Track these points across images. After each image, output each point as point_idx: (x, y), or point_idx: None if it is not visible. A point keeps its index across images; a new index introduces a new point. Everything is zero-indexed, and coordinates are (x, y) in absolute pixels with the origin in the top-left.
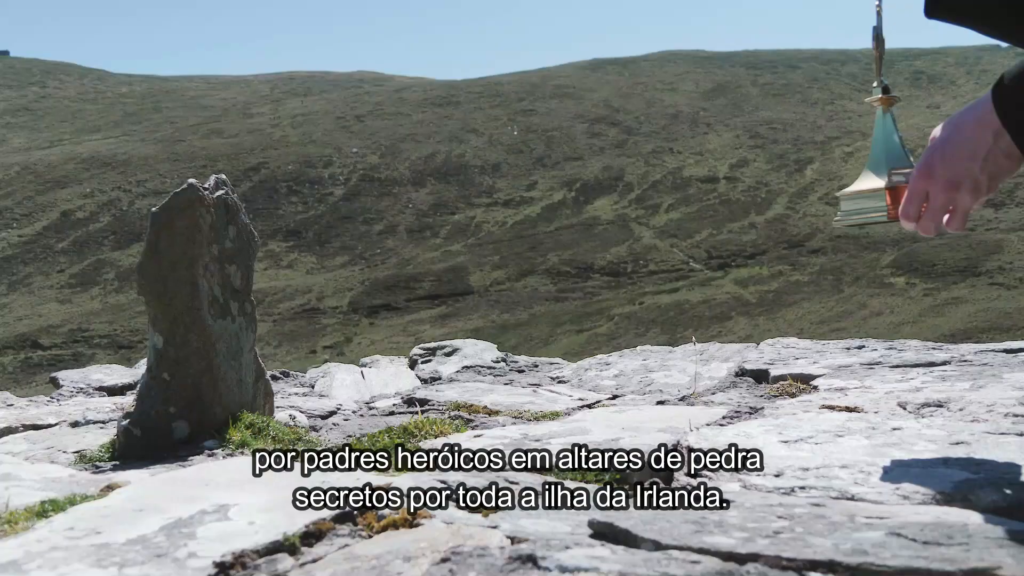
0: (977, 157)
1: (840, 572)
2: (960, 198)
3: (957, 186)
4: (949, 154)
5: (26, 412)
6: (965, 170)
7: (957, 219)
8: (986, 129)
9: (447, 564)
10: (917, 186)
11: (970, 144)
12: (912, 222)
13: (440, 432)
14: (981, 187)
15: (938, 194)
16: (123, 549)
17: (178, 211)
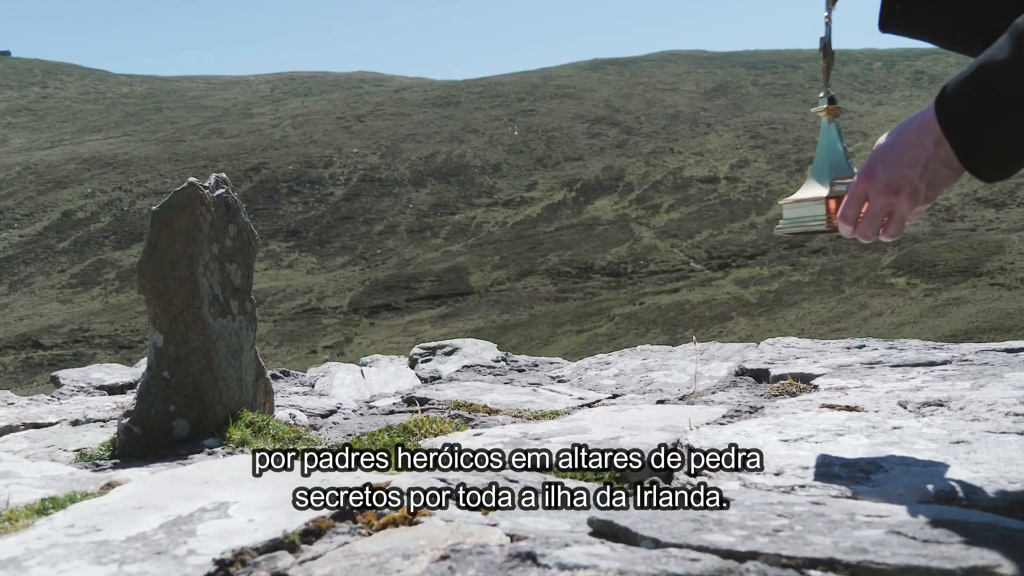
0: (917, 164)
1: (840, 570)
2: (898, 204)
3: (896, 191)
4: (890, 159)
5: (27, 411)
6: (905, 176)
7: (894, 225)
8: (928, 137)
9: (447, 561)
10: (857, 189)
11: (911, 151)
12: (850, 225)
13: (440, 431)
14: (919, 194)
15: (877, 198)
16: (123, 546)
17: (178, 210)
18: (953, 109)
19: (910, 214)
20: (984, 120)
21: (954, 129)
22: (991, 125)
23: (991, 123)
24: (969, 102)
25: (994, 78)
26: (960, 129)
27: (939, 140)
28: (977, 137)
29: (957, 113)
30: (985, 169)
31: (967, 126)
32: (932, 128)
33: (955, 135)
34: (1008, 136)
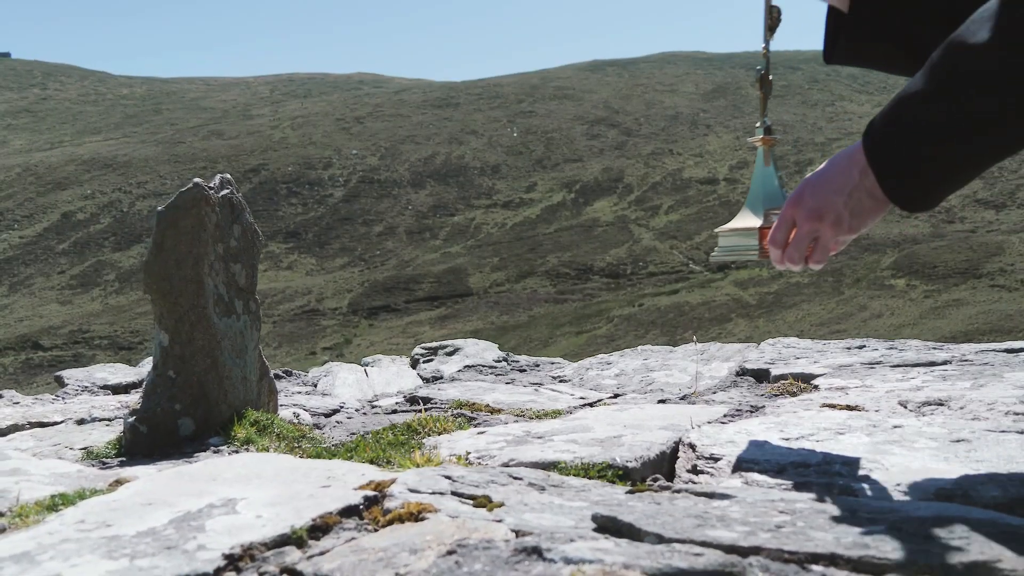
0: (842, 191)
1: (842, 565)
2: (823, 230)
3: (820, 216)
4: (818, 186)
5: (32, 410)
6: (830, 202)
7: (818, 252)
8: (855, 167)
9: (453, 556)
10: (786, 213)
11: (838, 178)
12: (779, 249)
13: (443, 429)
14: (843, 222)
15: (803, 223)
16: (133, 541)
17: (184, 210)
18: (877, 140)
19: (834, 242)
20: (904, 150)
21: (877, 159)
22: (911, 155)
23: (911, 153)
24: (890, 133)
25: (911, 110)
26: (882, 160)
27: (864, 170)
28: (898, 167)
29: (880, 144)
30: (906, 199)
31: (889, 157)
32: (859, 159)
33: (878, 165)
34: (926, 166)
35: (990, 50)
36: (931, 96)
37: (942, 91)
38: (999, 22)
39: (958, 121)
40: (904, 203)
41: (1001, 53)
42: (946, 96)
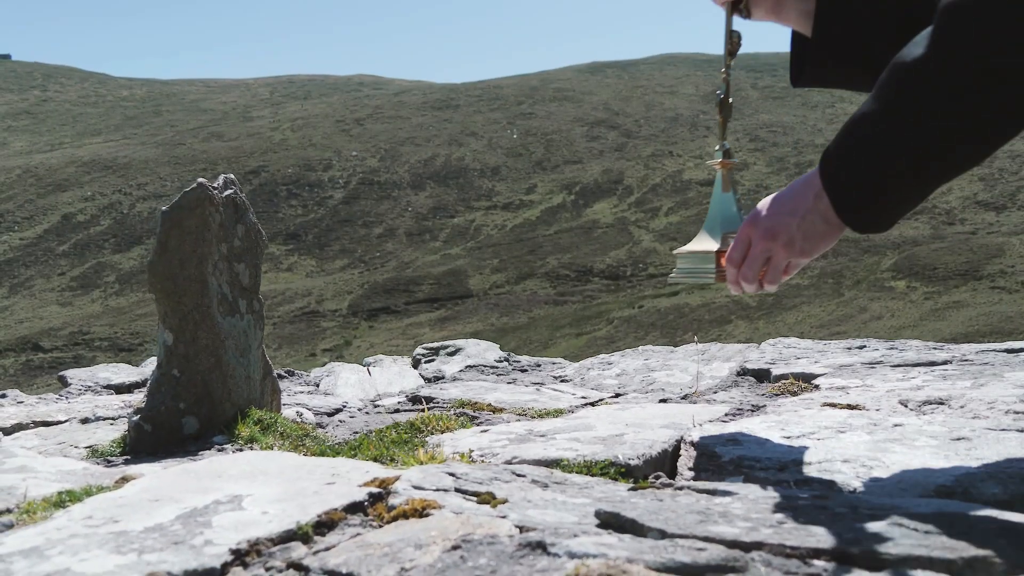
0: (796, 213)
1: (843, 560)
2: (775, 250)
3: (774, 236)
4: (774, 206)
5: (36, 409)
6: (783, 223)
7: (771, 272)
8: (810, 189)
9: (458, 551)
10: (742, 233)
11: (793, 200)
12: (735, 268)
13: (446, 428)
14: (795, 244)
15: (757, 242)
16: (141, 536)
17: (188, 210)
18: (830, 164)
19: (787, 264)
20: (856, 173)
21: (831, 183)
22: (862, 178)
23: (862, 176)
24: (842, 156)
25: (861, 133)
26: (836, 183)
27: (819, 194)
28: (850, 190)
29: (833, 168)
30: (860, 222)
31: (842, 180)
32: (815, 182)
33: (832, 189)
34: (878, 188)
35: (926, 66)
36: (878, 118)
37: (888, 112)
38: (933, 38)
39: (905, 140)
40: (858, 226)
41: (936, 68)
42: (892, 116)
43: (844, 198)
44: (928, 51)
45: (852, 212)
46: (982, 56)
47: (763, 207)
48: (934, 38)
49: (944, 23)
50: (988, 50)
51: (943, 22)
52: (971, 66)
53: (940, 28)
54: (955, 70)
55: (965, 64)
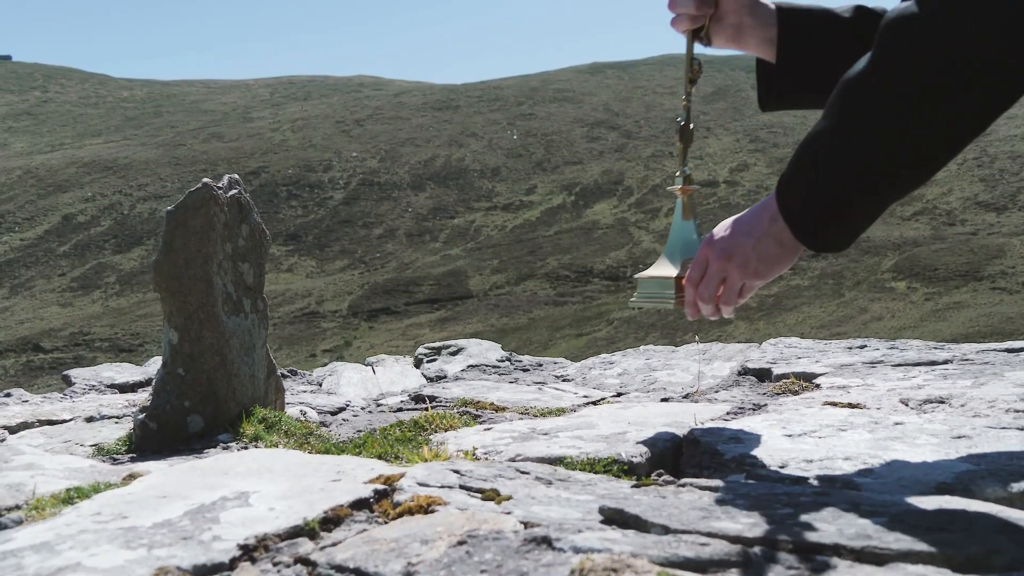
0: (752, 235)
1: (845, 555)
2: (731, 270)
3: (729, 257)
4: (732, 227)
5: (41, 408)
6: (739, 244)
7: (726, 292)
8: (767, 212)
9: (464, 546)
10: (701, 253)
11: (750, 222)
12: (693, 288)
13: (450, 426)
14: (749, 265)
15: (713, 261)
16: (150, 532)
17: (193, 210)
18: (785, 185)
19: (742, 286)
20: (810, 193)
21: (786, 205)
22: (816, 197)
23: (816, 195)
24: (795, 177)
25: (813, 151)
26: (792, 203)
27: (775, 217)
28: (805, 209)
29: (789, 189)
30: (816, 242)
31: (797, 200)
32: (772, 205)
33: (787, 210)
34: (830, 206)
35: (868, 82)
36: (826, 137)
37: (835, 130)
38: (874, 54)
39: (852, 158)
40: (815, 246)
41: (877, 84)
42: (838, 134)
43: (799, 220)
44: (870, 67)
45: (809, 235)
46: (920, 72)
47: (721, 229)
48: (875, 55)
49: (884, 40)
50: (925, 66)
51: (884, 39)
52: (910, 82)
53: (881, 45)
54: (895, 86)
55: (904, 80)
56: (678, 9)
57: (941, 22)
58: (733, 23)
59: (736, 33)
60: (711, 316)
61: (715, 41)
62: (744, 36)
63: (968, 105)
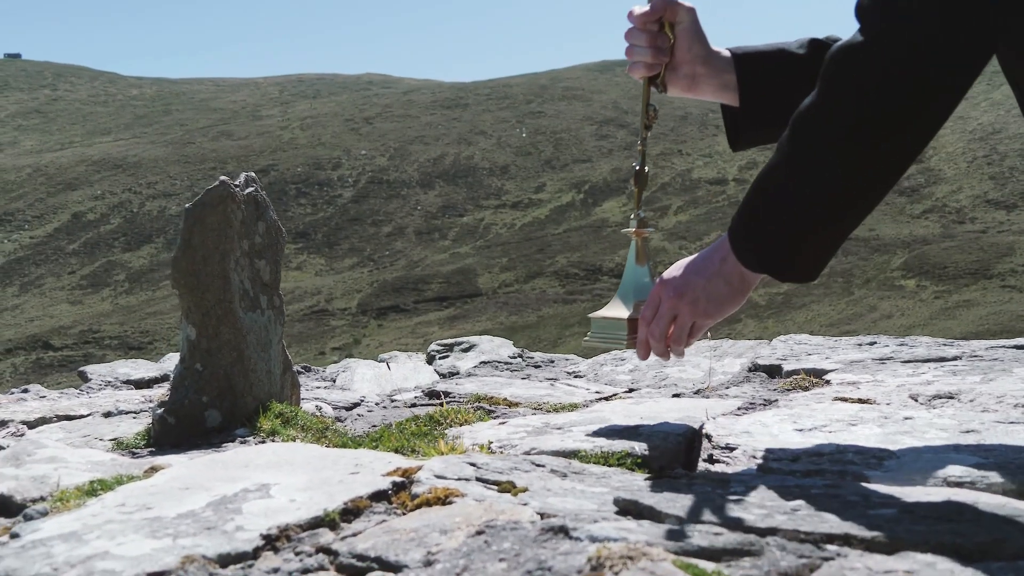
0: (702, 275)
1: (855, 544)
2: (681, 308)
3: (680, 296)
4: (685, 267)
5: (58, 403)
6: (690, 283)
7: (677, 331)
8: (717, 253)
9: (482, 536)
10: (654, 292)
11: (702, 262)
12: (646, 324)
13: (465, 420)
14: (699, 304)
15: (665, 299)
16: (174, 522)
17: (211, 207)
18: (739, 220)
19: (692, 325)
20: (765, 224)
21: (740, 239)
22: (770, 228)
23: (770, 227)
24: (750, 211)
25: (765, 185)
26: (746, 238)
27: (724, 258)
28: (761, 241)
29: (742, 221)
30: (774, 270)
31: (753, 234)
32: (724, 247)
33: (739, 244)
34: (786, 238)
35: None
36: (779, 171)
37: (786, 163)
38: (819, 86)
39: (805, 189)
40: (781, 277)
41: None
42: (791, 168)
43: (756, 255)
44: (816, 99)
45: (770, 267)
46: (862, 100)
47: (674, 269)
48: (820, 87)
49: (829, 72)
50: (867, 94)
51: (827, 71)
52: (854, 110)
53: (825, 77)
54: (840, 116)
55: (849, 109)
56: (634, 57)
57: (879, 50)
58: (687, 73)
59: (690, 82)
60: (662, 357)
61: (670, 89)
62: (698, 85)
63: (911, 127)
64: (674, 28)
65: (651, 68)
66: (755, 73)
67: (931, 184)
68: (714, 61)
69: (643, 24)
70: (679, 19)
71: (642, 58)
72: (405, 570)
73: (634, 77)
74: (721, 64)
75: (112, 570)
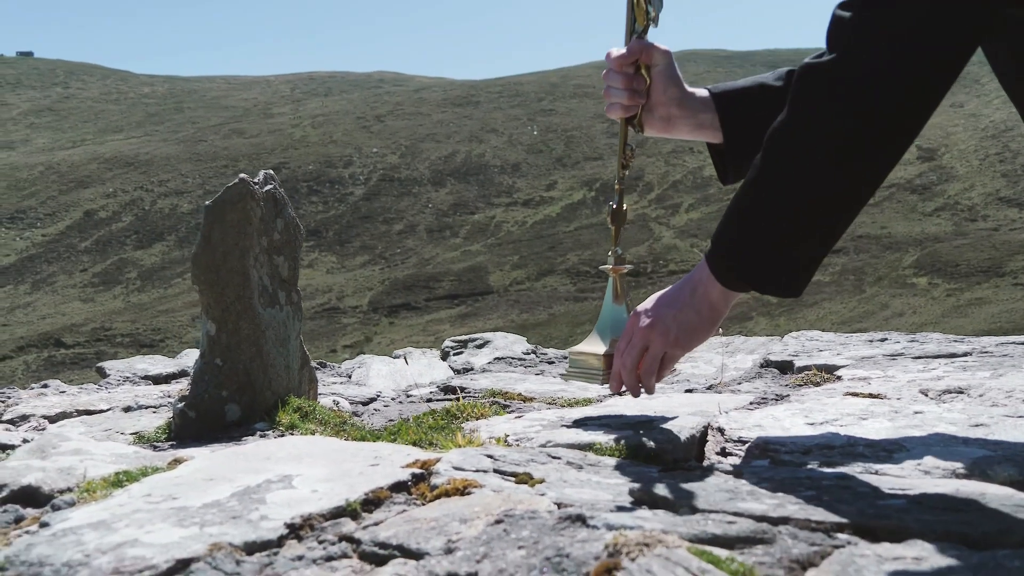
0: (673, 306)
1: (864, 533)
2: (653, 338)
3: (652, 326)
4: (658, 299)
5: (78, 398)
6: (662, 314)
7: (648, 360)
8: (687, 286)
9: (501, 525)
10: (629, 324)
11: (674, 294)
12: (620, 357)
13: (481, 415)
14: (669, 334)
15: (638, 331)
16: (200, 512)
17: (230, 204)
18: (715, 240)
19: (663, 354)
20: (737, 239)
21: (715, 258)
22: (747, 245)
23: (746, 243)
24: (724, 231)
25: (739, 203)
26: (718, 256)
27: (694, 289)
28: (739, 258)
29: (718, 242)
30: (741, 276)
31: (725, 252)
32: (694, 278)
33: (715, 262)
34: (762, 253)
35: (784, 130)
36: (751, 188)
37: (758, 182)
38: (789, 104)
39: (777, 205)
40: (764, 291)
41: (790, 132)
42: (762, 185)
43: (734, 272)
44: (785, 118)
45: (756, 282)
46: (828, 117)
47: (648, 302)
48: (788, 106)
49: (795, 90)
50: (833, 111)
51: (794, 90)
52: (821, 127)
53: (792, 96)
54: (808, 132)
55: (816, 126)
56: (612, 99)
57: (843, 68)
58: (663, 115)
59: (666, 124)
60: (632, 391)
61: (647, 129)
62: (674, 126)
63: (877, 143)
64: (650, 71)
65: (628, 109)
66: (735, 110)
67: (943, 182)
68: (689, 103)
69: (620, 66)
70: (655, 62)
71: (619, 100)
72: (427, 557)
73: (611, 117)
74: (696, 105)
75: (142, 556)
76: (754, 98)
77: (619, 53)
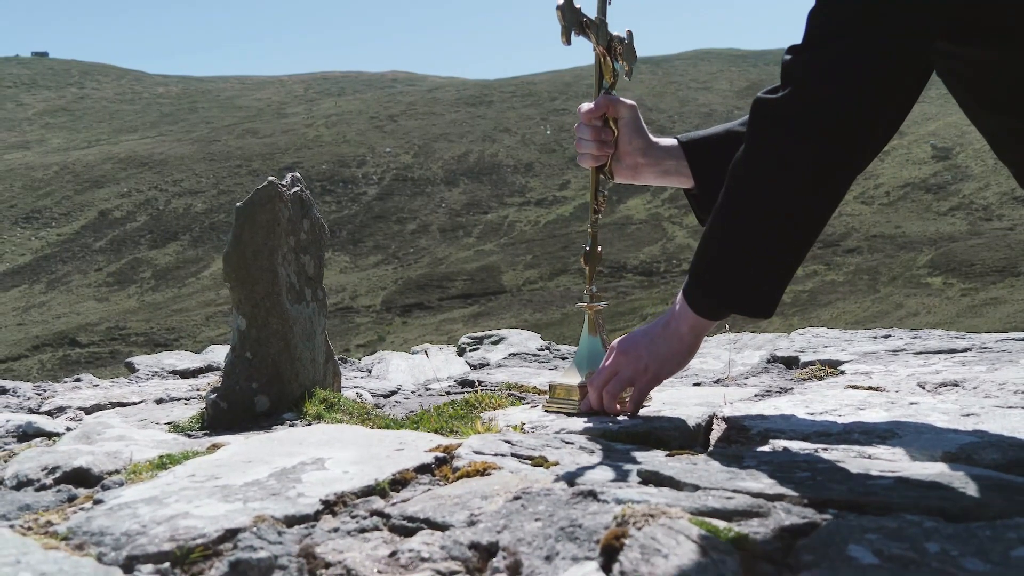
0: (647, 335)
1: (853, 508)
2: (624, 363)
3: (625, 352)
4: (634, 332)
5: (111, 391)
6: (635, 342)
7: (615, 383)
8: (661, 319)
9: (519, 500)
10: (608, 352)
11: (649, 328)
12: (592, 380)
13: (498, 405)
14: (641, 361)
15: (611, 357)
16: (242, 489)
17: (260, 205)
18: (691, 273)
19: (637, 383)
20: (708, 268)
21: (690, 290)
22: (718, 271)
23: (715, 269)
24: (697, 262)
25: (708, 235)
26: (693, 287)
27: (667, 322)
28: (704, 287)
29: (692, 273)
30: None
31: (698, 282)
32: (667, 314)
33: (691, 294)
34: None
35: (743, 160)
36: (719, 219)
37: (725, 211)
38: (747, 134)
39: (741, 230)
40: (740, 312)
41: (748, 160)
42: (725, 214)
43: (708, 297)
44: (743, 148)
45: (730, 305)
46: (781, 148)
47: (628, 334)
48: (747, 137)
49: (752, 123)
50: (785, 140)
51: (751, 122)
52: (774, 157)
53: (750, 127)
54: (763, 161)
55: (770, 155)
56: (582, 149)
57: (793, 103)
58: (629, 164)
59: (633, 172)
60: (595, 403)
61: (617, 177)
62: (641, 173)
63: (827, 170)
64: (617, 123)
65: (598, 159)
66: (705, 156)
67: (958, 181)
68: (653, 152)
69: (589, 120)
70: (621, 115)
71: (589, 150)
72: (452, 529)
73: (583, 167)
74: (660, 154)
75: (194, 527)
76: (722, 143)
77: (588, 107)
